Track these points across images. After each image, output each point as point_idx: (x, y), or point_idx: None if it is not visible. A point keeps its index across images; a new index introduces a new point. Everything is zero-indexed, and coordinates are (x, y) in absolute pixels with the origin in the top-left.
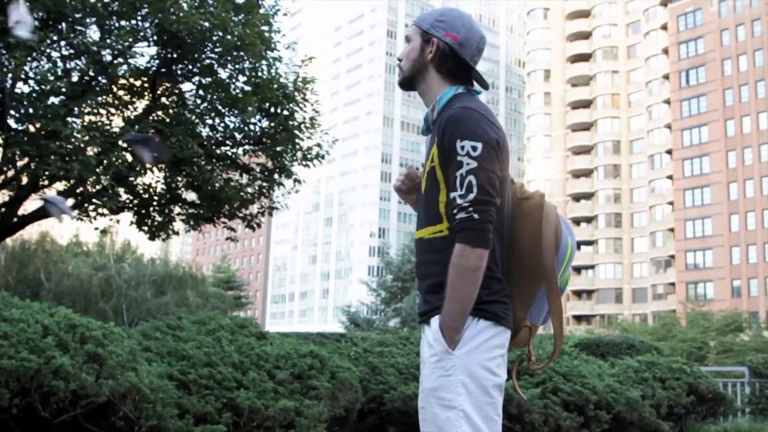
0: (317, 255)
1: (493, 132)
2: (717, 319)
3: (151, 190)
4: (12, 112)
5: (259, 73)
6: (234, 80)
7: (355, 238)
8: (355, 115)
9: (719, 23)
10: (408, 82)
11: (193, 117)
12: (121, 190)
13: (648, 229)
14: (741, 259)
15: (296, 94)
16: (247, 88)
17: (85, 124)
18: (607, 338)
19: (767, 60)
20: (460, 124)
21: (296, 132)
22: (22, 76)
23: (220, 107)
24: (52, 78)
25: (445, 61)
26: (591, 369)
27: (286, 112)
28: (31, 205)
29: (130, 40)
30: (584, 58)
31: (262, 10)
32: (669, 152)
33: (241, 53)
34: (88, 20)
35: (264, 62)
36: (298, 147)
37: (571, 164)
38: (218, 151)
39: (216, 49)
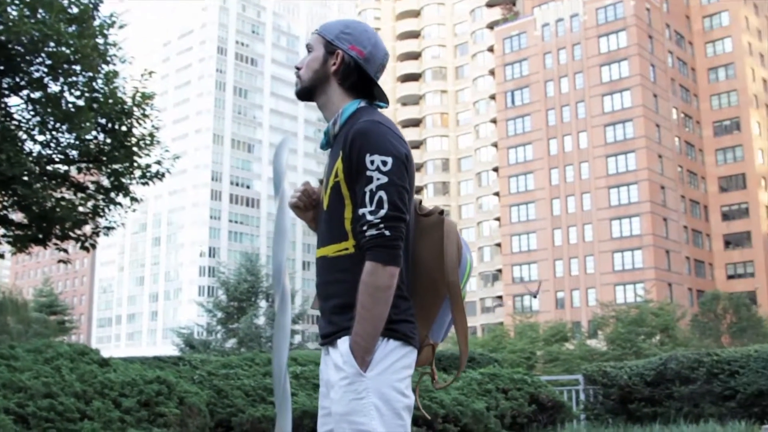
0: (145, 276)
1: (402, 146)
2: (543, 329)
3: None
4: None
5: (96, 87)
6: (67, 94)
7: (184, 258)
8: (184, 132)
9: (542, 47)
10: (306, 93)
11: (21, 133)
12: None
13: (476, 245)
14: (564, 271)
15: (135, 109)
16: (81, 103)
17: None
18: (448, 352)
19: (587, 82)
20: (369, 138)
21: (135, 149)
22: None
23: (52, 122)
24: None
25: (348, 74)
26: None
27: (124, 128)
28: None
29: None
30: (414, 77)
31: (96, 22)
32: (495, 170)
33: (75, 66)
34: None
35: (100, 76)
36: (136, 165)
37: None
38: (50, 169)
39: (47, 62)
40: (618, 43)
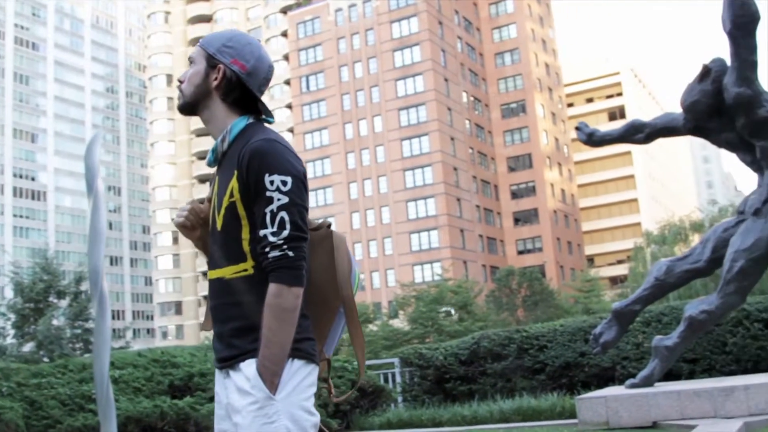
0: None
1: (299, 165)
2: None
3: None
4: None
5: None
6: None
7: None
8: None
9: (336, 32)
10: (189, 108)
11: None
12: None
13: None
14: (363, 254)
15: None
16: None
17: None
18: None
19: (381, 67)
20: (267, 157)
21: None
22: None
23: None
24: None
25: (231, 90)
26: None
27: None
28: None
29: None
30: None
31: None
32: None
33: None
34: None
35: None
36: None
37: (197, 169)
38: None
39: None
40: (410, 29)
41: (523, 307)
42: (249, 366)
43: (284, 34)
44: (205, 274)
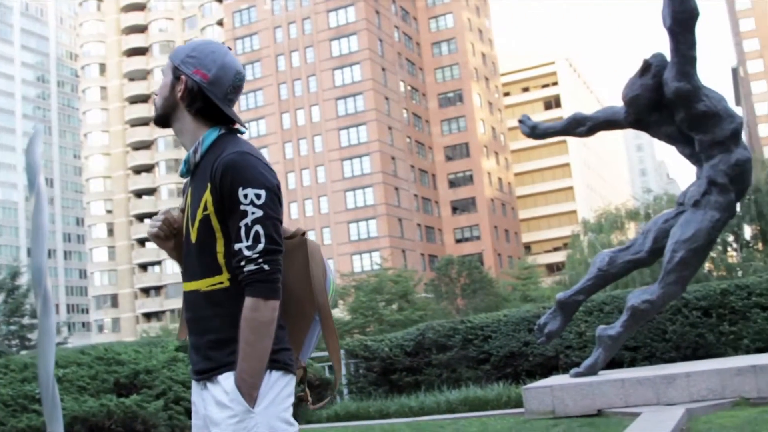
0: None
1: (272, 177)
2: None
3: None
4: None
5: None
6: None
7: None
8: None
9: (273, 20)
10: (162, 120)
11: None
12: None
13: None
14: None
15: None
16: None
17: None
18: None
19: (318, 56)
20: (240, 170)
21: None
22: None
23: None
24: None
25: (194, 100)
26: None
27: None
28: None
29: None
30: (141, 52)
31: None
32: None
33: None
34: None
35: None
36: None
37: (132, 160)
38: None
39: None
40: (347, 18)
41: (463, 295)
42: (227, 379)
43: (220, 23)
44: (141, 266)
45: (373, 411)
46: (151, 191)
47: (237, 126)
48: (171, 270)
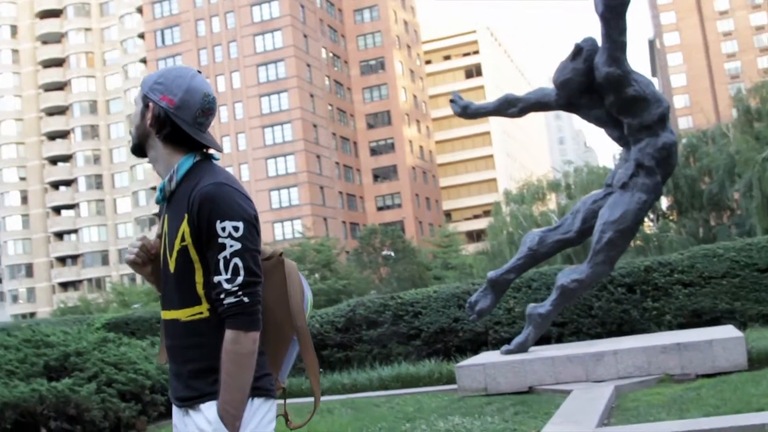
0: None
1: (249, 207)
2: None
3: None
4: None
5: None
6: None
7: None
8: None
9: None
10: (138, 149)
11: None
12: None
13: (130, 189)
14: None
15: None
16: None
17: None
18: (135, 315)
19: (238, 21)
20: (218, 203)
21: None
22: None
23: None
24: None
25: (162, 126)
26: (137, 353)
27: None
28: None
29: None
30: (55, 14)
31: None
32: None
33: None
34: None
35: None
36: None
37: (46, 126)
38: None
39: None
40: None
41: (386, 264)
42: (209, 408)
43: None
44: (57, 234)
45: (305, 388)
46: (66, 158)
47: (212, 151)
48: (88, 238)
